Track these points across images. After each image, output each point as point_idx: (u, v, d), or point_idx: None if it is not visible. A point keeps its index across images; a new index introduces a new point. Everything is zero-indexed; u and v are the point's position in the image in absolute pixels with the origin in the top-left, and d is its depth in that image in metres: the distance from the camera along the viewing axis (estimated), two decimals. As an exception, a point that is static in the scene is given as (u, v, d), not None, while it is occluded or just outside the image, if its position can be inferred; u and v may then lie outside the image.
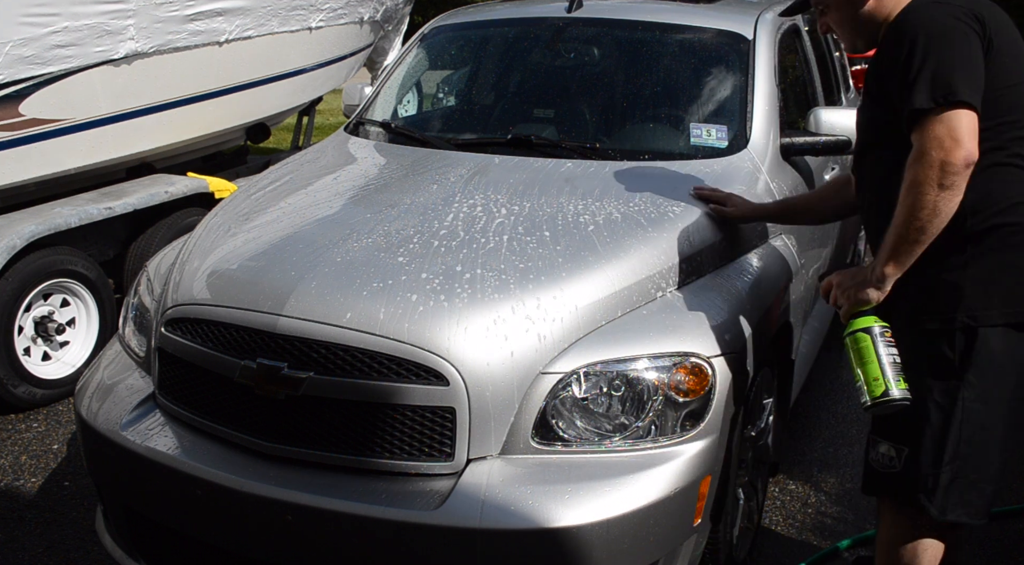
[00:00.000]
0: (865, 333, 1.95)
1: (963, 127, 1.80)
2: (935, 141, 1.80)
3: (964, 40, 1.85)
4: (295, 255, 2.31)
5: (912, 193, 1.83)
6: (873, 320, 1.96)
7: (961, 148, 1.79)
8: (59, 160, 4.25)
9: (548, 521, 1.92)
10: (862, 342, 1.94)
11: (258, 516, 2.08)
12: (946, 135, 1.79)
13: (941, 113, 1.80)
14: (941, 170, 1.79)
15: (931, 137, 1.81)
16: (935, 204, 1.81)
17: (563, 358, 2.08)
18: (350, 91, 4.03)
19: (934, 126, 1.81)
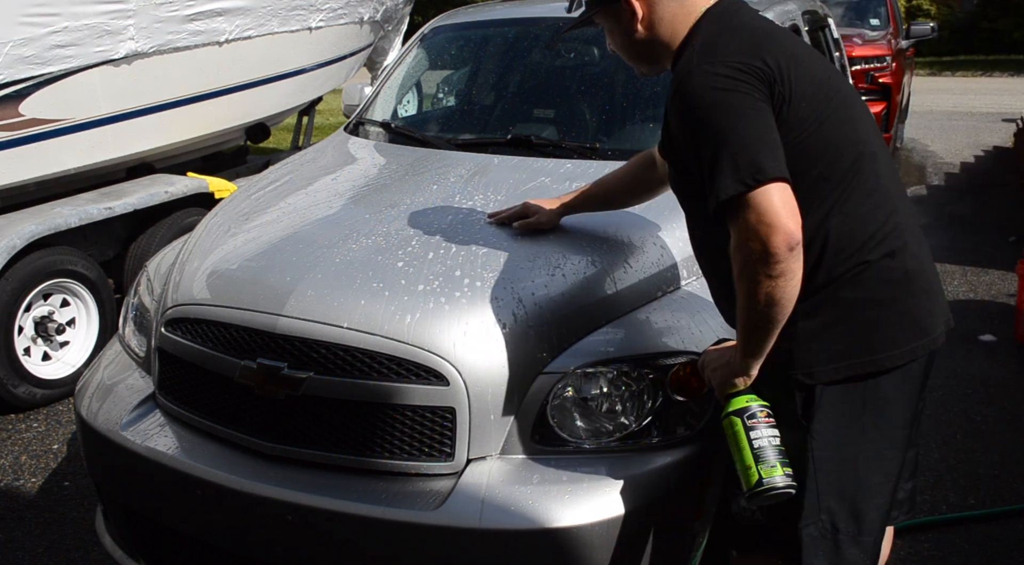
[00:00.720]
0: (736, 416, 1.79)
1: (776, 206, 1.60)
2: (750, 231, 1.61)
3: (751, 108, 1.66)
4: (295, 255, 2.31)
5: (743, 286, 1.67)
6: (746, 400, 1.79)
7: (779, 231, 1.59)
8: (59, 160, 4.26)
9: (548, 521, 1.92)
10: (733, 427, 1.79)
11: (258, 516, 2.08)
12: (759, 221, 1.60)
13: (750, 197, 1.60)
14: (763, 262, 1.61)
15: (745, 227, 1.62)
16: (769, 294, 1.64)
17: (563, 358, 2.08)
18: (350, 91, 4.03)
19: (745, 214, 1.61)
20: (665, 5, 1.85)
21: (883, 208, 1.79)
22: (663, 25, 1.85)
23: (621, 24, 1.89)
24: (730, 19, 1.81)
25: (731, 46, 1.73)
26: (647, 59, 1.94)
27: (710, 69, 1.69)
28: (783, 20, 3.61)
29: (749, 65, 1.68)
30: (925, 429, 3.77)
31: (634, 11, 1.85)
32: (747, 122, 1.64)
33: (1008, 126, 11.87)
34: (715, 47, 1.73)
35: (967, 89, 17.16)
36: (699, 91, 1.68)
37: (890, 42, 8.89)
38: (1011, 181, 8.82)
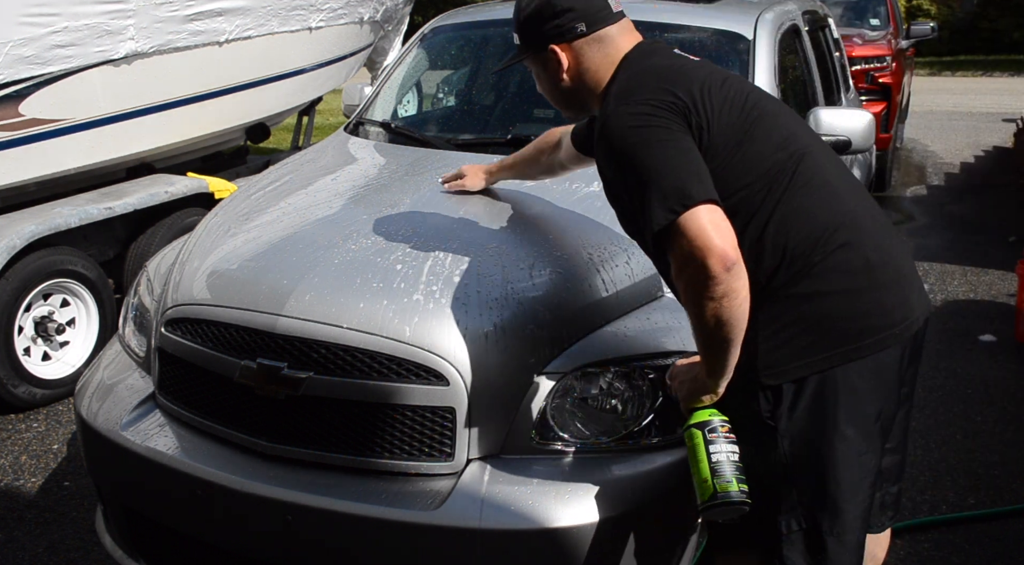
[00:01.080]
0: (697, 429, 1.79)
1: (706, 228, 1.60)
2: (685, 256, 1.62)
3: (669, 139, 1.69)
4: (295, 255, 2.31)
5: (690, 310, 1.69)
6: (708, 414, 1.80)
7: (713, 253, 1.59)
8: (59, 160, 4.26)
9: (548, 521, 1.92)
10: (693, 439, 1.79)
11: (258, 516, 2.08)
12: (691, 245, 1.60)
13: (680, 223, 1.61)
14: (703, 284, 1.61)
15: (682, 252, 1.62)
16: (716, 316, 1.64)
17: (563, 358, 2.08)
18: (350, 91, 4.03)
19: (677, 240, 1.62)
20: (590, 56, 1.90)
21: (830, 202, 1.79)
22: (588, 75, 1.91)
23: (548, 71, 1.95)
24: (641, 62, 1.86)
25: (644, 86, 1.79)
26: (573, 105, 2.01)
27: (625, 109, 1.75)
28: (783, 20, 3.61)
29: (662, 100, 1.74)
30: (925, 429, 3.77)
31: (559, 61, 1.91)
32: (666, 152, 1.68)
33: (1008, 126, 11.87)
34: (629, 90, 1.79)
35: (967, 89, 17.16)
36: (618, 132, 1.74)
37: (890, 42, 8.89)
38: (1011, 181, 8.82)
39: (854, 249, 1.77)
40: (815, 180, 1.79)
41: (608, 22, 1.90)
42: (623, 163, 1.73)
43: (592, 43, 1.89)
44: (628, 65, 1.87)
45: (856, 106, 5.19)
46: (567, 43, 1.90)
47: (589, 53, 1.90)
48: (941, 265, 6.13)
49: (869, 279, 1.78)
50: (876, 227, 1.85)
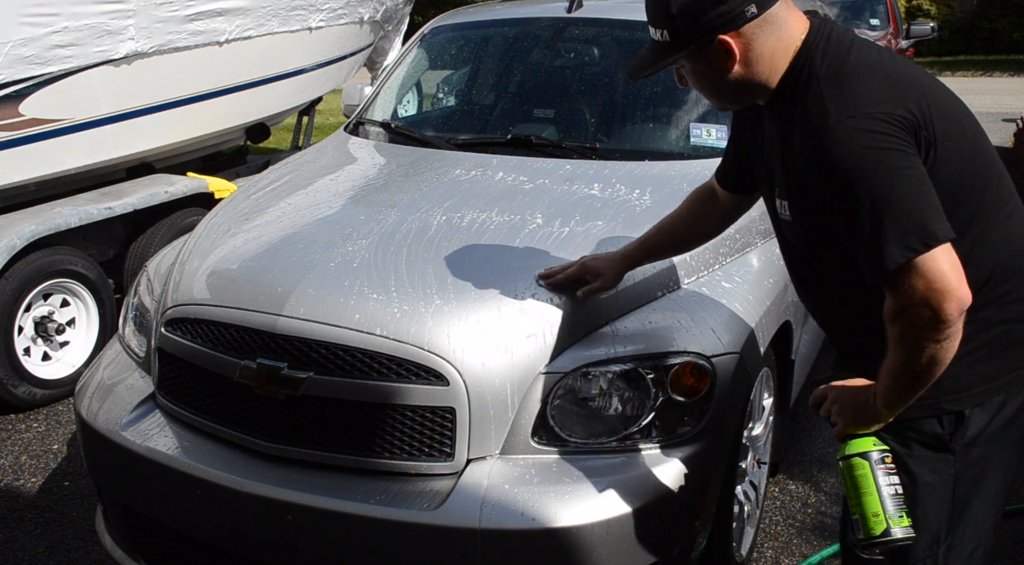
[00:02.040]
0: (863, 459, 1.69)
1: (947, 271, 1.49)
2: (918, 298, 1.51)
3: (908, 166, 1.53)
4: (295, 255, 2.31)
5: (903, 349, 1.57)
6: (872, 442, 1.71)
7: (952, 297, 1.49)
8: (59, 160, 4.26)
9: (548, 521, 1.92)
10: (859, 469, 1.69)
11: (258, 516, 2.08)
12: (930, 288, 1.49)
13: (918, 263, 1.49)
14: (933, 327, 1.52)
15: (914, 294, 1.51)
16: (933, 356, 1.55)
17: (563, 358, 2.08)
18: (350, 91, 4.04)
19: (914, 281, 1.50)
20: (763, 41, 1.64)
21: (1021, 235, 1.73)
22: (762, 63, 1.66)
23: (713, 66, 1.67)
24: (846, 57, 1.64)
25: (869, 94, 1.57)
26: (739, 98, 1.76)
27: (855, 124, 1.53)
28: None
29: (893, 115, 1.54)
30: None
31: (729, 50, 1.63)
32: (906, 182, 1.51)
33: (1008, 126, 11.86)
34: (851, 95, 1.57)
35: (967, 89, 17.11)
36: (848, 151, 1.52)
37: (890, 42, 8.90)
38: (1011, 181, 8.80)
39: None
40: (1011, 203, 1.72)
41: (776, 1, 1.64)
42: (852, 187, 1.53)
43: (764, 25, 1.63)
44: (824, 57, 1.64)
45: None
46: (736, 30, 1.62)
47: (762, 37, 1.64)
48: (941, 265, 6.11)
49: None
50: None
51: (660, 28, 1.66)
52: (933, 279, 1.49)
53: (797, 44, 1.66)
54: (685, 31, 1.63)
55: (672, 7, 1.63)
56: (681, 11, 1.62)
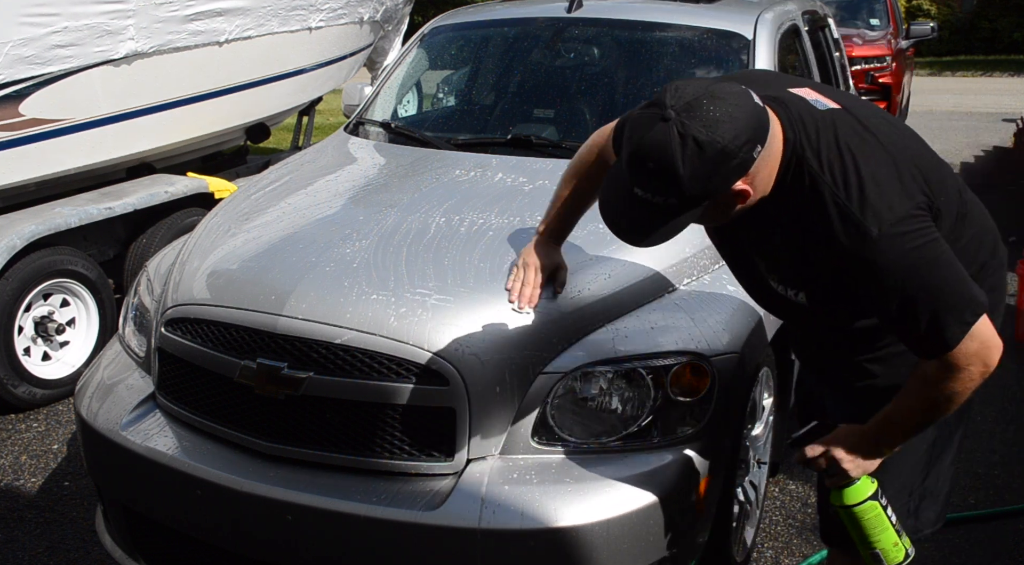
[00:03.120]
0: (874, 501, 1.78)
1: (991, 329, 1.63)
2: (972, 358, 1.61)
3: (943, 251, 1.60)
4: (295, 255, 2.31)
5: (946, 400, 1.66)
6: (870, 482, 1.79)
7: (999, 348, 1.64)
8: (59, 160, 4.25)
9: (548, 521, 1.92)
10: (872, 512, 1.78)
11: (258, 516, 2.08)
12: (984, 346, 1.61)
13: (973, 331, 1.60)
14: (982, 377, 1.65)
15: (968, 357, 1.61)
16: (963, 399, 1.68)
17: (563, 358, 2.08)
18: (350, 91, 4.03)
19: (967, 345, 1.60)
20: (765, 164, 1.58)
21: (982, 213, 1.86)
22: (766, 181, 1.62)
23: (725, 207, 1.61)
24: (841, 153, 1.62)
25: (891, 194, 1.59)
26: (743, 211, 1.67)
27: (895, 231, 1.56)
28: (783, 20, 3.61)
29: (917, 207, 1.60)
30: (925, 429, 3.77)
31: (745, 192, 1.57)
32: (946, 266, 1.60)
33: (1008, 126, 11.86)
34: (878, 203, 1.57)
35: (967, 89, 17.15)
36: (894, 257, 1.57)
37: (890, 42, 8.90)
38: (1011, 181, 8.81)
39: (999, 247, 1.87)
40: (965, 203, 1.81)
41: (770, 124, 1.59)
42: (903, 286, 1.58)
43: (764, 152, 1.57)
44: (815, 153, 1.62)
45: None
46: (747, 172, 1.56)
47: (762, 164, 1.58)
48: (941, 265, 6.12)
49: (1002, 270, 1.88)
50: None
51: (663, 195, 1.52)
52: (985, 339, 1.61)
53: (781, 145, 1.62)
54: (696, 194, 1.52)
55: (682, 175, 1.49)
56: (692, 178, 1.49)
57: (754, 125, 1.52)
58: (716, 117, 1.48)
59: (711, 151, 1.47)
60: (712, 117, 1.48)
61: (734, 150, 1.49)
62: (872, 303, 1.65)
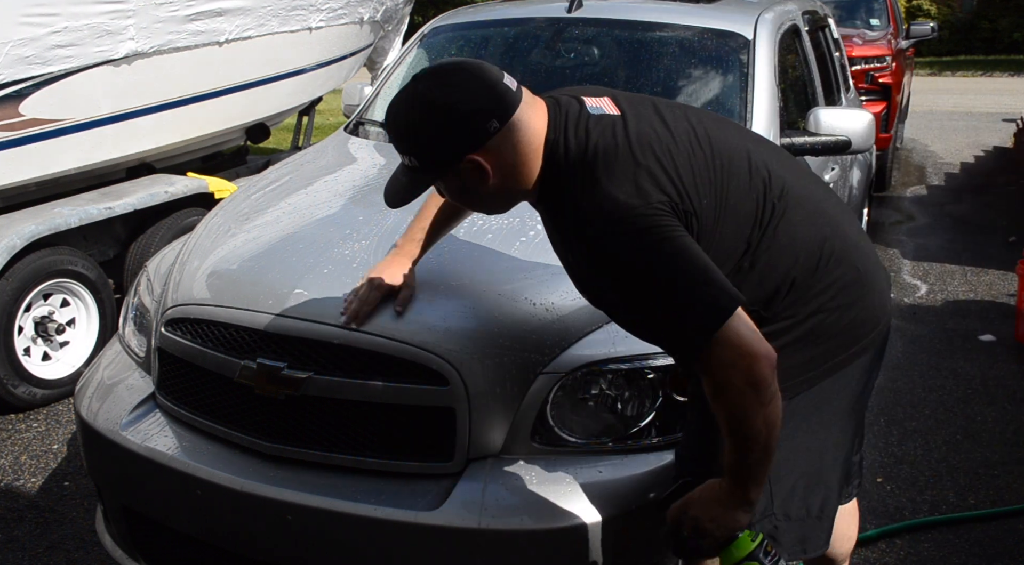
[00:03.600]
0: (752, 560, 1.65)
1: (745, 334, 1.52)
2: (732, 369, 1.52)
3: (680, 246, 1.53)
4: (295, 255, 2.31)
5: (738, 426, 1.56)
6: (750, 539, 1.66)
7: (759, 358, 1.51)
8: (59, 160, 4.26)
9: (548, 521, 1.92)
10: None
11: (258, 516, 2.08)
12: (737, 355, 1.51)
13: (719, 338, 1.51)
14: (755, 391, 1.52)
15: (723, 366, 1.52)
16: (767, 420, 1.55)
17: (563, 358, 2.08)
18: (350, 91, 4.03)
19: (720, 355, 1.51)
20: (511, 150, 1.60)
21: (814, 218, 1.75)
22: (516, 170, 1.63)
23: (468, 184, 1.63)
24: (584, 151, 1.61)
25: (617, 193, 1.55)
26: (502, 205, 1.75)
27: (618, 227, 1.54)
28: (783, 20, 3.61)
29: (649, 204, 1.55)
30: (925, 429, 3.78)
31: (480, 167, 1.59)
32: (680, 270, 1.53)
33: (1008, 126, 11.87)
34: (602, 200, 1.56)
35: (967, 89, 17.16)
36: (620, 258, 1.54)
37: (890, 42, 8.89)
38: (1011, 181, 8.82)
39: (844, 263, 1.75)
40: (791, 200, 1.73)
41: (516, 105, 1.61)
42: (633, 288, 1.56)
43: (509, 135, 1.59)
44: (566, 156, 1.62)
45: (856, 106, 5.19)
46: (483, 147, 1.58)
47: (509, 147, 1.60)
48: (941, 265, 6.13)
49: (861, 289, 1.78)
50: (851, 226, 1.85)
51: (407, 154, 1.62)
52: (737, 345, 1.51)
53: (542, 142, 1.63)
54: (430, 157, 1.60)
55: (414, 133, 1.59)
56: (423, 138, 1.58)
57: (490, 98, 1.57)
58: (451, 82, 1.58)
59: (439, 112, 1.55)
60: (447, 82, 1.58)
61: (462, 115, 1.55)
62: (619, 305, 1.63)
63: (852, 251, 1.79)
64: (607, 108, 1.69)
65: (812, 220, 1.75)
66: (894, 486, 3.33)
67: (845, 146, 3.12)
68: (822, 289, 1.73)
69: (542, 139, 1.64)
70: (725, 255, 1.65)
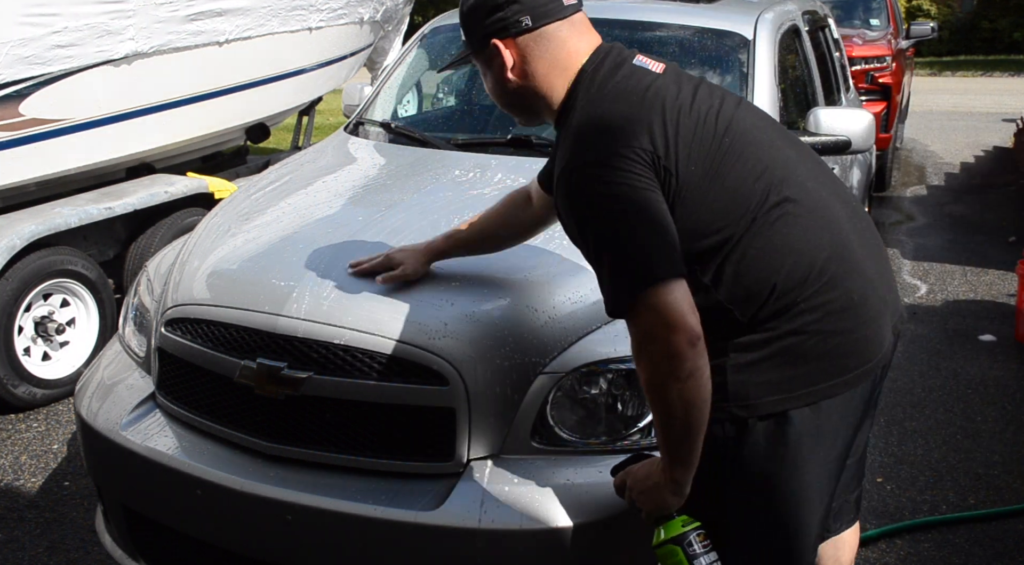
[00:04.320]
0: (675, 544, 1.64)
1: (672, 307, 1.51)
2: (650, 335, 1.53)
3: (639, 201, 1.55)
4: (295, 255, 2.31)
5: (653, 395, 1.57)
6: (681, 523, 1.65)
7: (679, 331, 1.50)
8: (59, 160, 4.26)
9: (548, 521, 1.92)
10: (673, 557, 1.65)
11: (258, 516, 2.08)
12: (658, 323, 1.51)
13: (644, 300, 1.52)
14: (669, 363, 1.51)
15: (644, 331, 1.53)
16: (683, 397, 1.53)
17: (563, 358, 2.08)
18: (350, 91, 4.03)
19: (642, 317, 1.53)
20: (537, 55, 1.70)
21: (818, 232, 1.68)
22: (536, 78, 1.72)
23: (494, 70, 1.75)
24: (602, 83, 1.67)
25: (609, 128, 1.60)
26: (523, 109, 1.82)
27: (591, 164, 1.58)
28: (783, 20, 3.61)
29: (628, 151, 1.56)
30: (925, 429, 3.78)
31: (503, 59, 1.71)
32: (629, 222, 1.54)
33: (1008, 126, 11.88)
34: (592, 132, 1.61)
35: (967, 89, 17.16)
36: (581, 189, 1.59)
37: (890, 42, 8.89)
38: (1011, 181, 8.82)
39: (839, 287, 1.66)
40: (801, 207, 1.67)
41: (556, 16, 1.69)
42: (584, 220, 1.60)
43: (539, 40, 1.70)
44: (587, 86, 1.68)
45: (856, 106, 5.19)
46: (511, 38, 1.70)
47: (536, 52, 1.70)
48: (941, 265, 6.14)
49: (852, 319, 1.68)
50: (864, 250, 1.74)
51: (460, 28, 1.80)
52: (659, 312, 1.51)
53: (576, 68, 1.71)
54: (470, 33, 1.77)
55: (463, 8, 1.77)
56: (468, 13, 1.75)
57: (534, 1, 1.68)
58: None
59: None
60: None
61: (502, 3, 1.68)
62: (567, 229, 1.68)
63: (854, 278, 1.69)
64: (652, 67, 1.72)
65: (816, 235, 1.67)
66: (894, 486, 3.33)
67: (845, 146, 3.12)
68: (808, 308, 1.64)
69: (577, 65, 1.71)
70: (704, 228, 1.62)
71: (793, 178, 1.69)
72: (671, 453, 1.63)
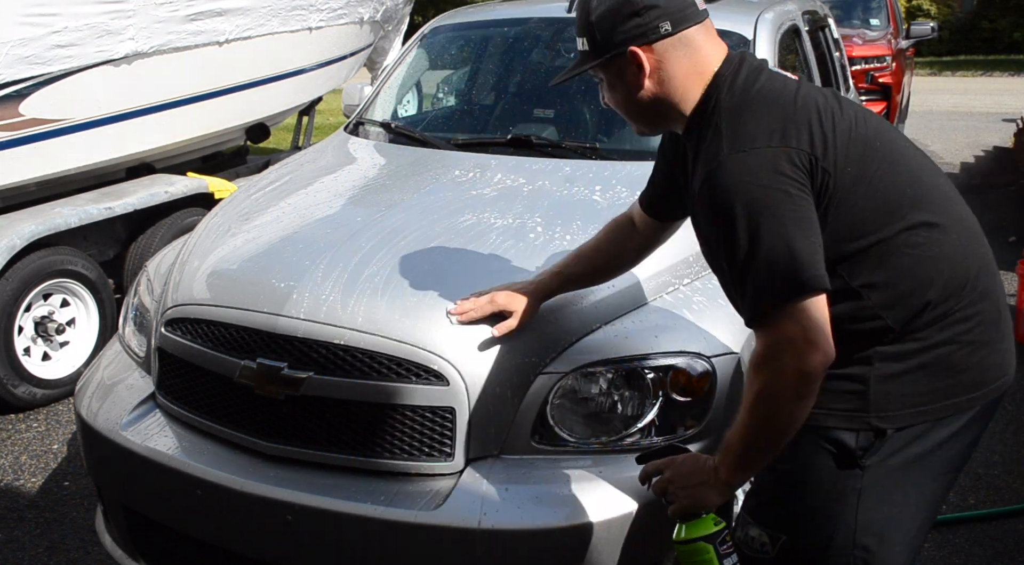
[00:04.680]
0: (707, 543, 1.62)
1: (816, 323, 1.48)
2: (788, 346, 1.48)
3: (790, 207, 1.50)
4: (295, 255, 2.31)
5: (764, 404, 1.53)
6: (712, 522, 1.63)
7: (818, 350, 1.47)
8: (59, 160, 4.26)
9: (548, 521, 1.92)
10: (704, 554, 1.62)
11: (258, 516, 2.08)
12: (799, 337, 1.47)
13: (789, 310, 1.48)
14: (799, 380, 1.49)
15: (782, 341, 1.49)
16: (791, 415, 1.51)
17: (563, 358, 2.08)
18: (350, 91, 4.03)
19: (783, 326, 1.49)
20: (674, 61, 1.64)
21: (971, 245, 1.68)
22: (673, 84, 1.66)
23: (626, 79, 1.67)
24: (750, 88, 1.63)
25: (761, 127, 1.55)
26: (652, 120, 1.74)
27: (744, 160, 1.52)
28: (783, 20, 3.61)
29: (786, 152, 1.53)
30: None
31: (640, 63, 1.64)
32: (785, 227, 1.49)
33: (1008, 126, 11.87)
34: (743, 130, 1.56)
35: (967, 89, 17.16)
36: (733, 188, 1.51)
37: (890, 42, 8.90)
38: (1011, 181, 8.82)
39: (990, 298, 1.67)
40: (950, 218, 1.66)
41: (694, 21, 1.64)
42: (730, 223, 1.52)
43: (677, 46, 1.64)
44: (728, 90, 1.63)
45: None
46: (649, 44, 1.63)
47: (674, 57, 1.64)
48: (941, 265, 6.12)
49: (998, 330, 1.68)
50: (997, 273, 1.74)
51: (582, 37, 1.69)
52: (804, 328, 1.47)
53: (711, 73, 1.66)
54: (601, 41, 1.66)
55: (592, 15, 1.65)
56: (599, 20, 1.65)
57: (672, 3, 1.62)
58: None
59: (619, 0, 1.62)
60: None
61: (640, 6, 1.61)
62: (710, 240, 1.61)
63: (998, 290, 1.70)
64: (789, 74, 1.71)
65: (968, 245, 1.67)
66: (894, 486, 3.33)
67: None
68: (962, 318, 1.62)
69: (711, 70, 1.66)
70: (856, 230, 1.58)
71: (940, 189, 1.69)
72: (742, 459, 1.59)
